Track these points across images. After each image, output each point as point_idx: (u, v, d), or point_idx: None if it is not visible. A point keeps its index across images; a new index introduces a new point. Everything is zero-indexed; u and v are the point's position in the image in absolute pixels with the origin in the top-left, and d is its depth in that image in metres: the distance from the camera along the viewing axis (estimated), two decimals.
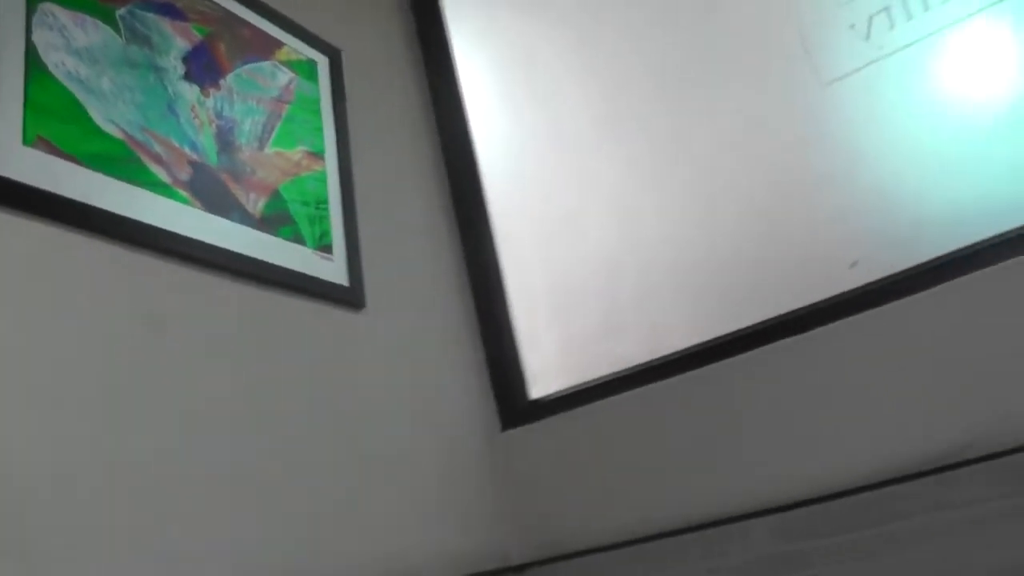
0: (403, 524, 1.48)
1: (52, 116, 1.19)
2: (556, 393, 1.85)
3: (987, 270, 1.38)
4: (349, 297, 1.57)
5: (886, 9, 1.57)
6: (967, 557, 1.30)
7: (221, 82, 1.50)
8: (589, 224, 1.88)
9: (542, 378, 1.88)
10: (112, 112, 1.28)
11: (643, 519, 1.62)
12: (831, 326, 1.51)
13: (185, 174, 1.35)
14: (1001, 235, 1.40)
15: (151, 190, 1.28)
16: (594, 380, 1.81)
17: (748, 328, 1.63)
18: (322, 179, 1.63)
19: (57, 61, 1.24)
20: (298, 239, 1.52)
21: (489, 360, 1.91)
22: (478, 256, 1.97)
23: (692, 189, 1.76)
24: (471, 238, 1.99)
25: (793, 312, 1.58)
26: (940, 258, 1.45)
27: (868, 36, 1.58)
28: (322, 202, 1.60)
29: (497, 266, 1.97)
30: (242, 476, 1.24)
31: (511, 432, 1.84)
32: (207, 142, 1.41)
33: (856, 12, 1.61)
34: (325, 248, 1.57)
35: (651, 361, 1.74)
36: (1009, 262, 1.36)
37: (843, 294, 1.54)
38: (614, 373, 1.79)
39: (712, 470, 1.58)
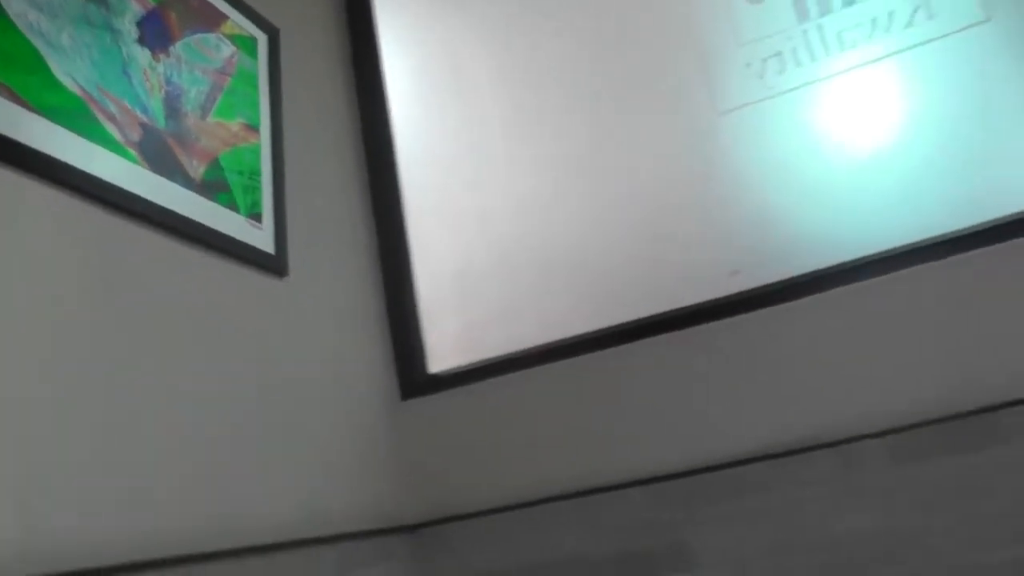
0: (305, 483, 1.54)
1: (14, 65, 1.19)
2: (454, 369, 1.95)
3: (849, 287, 1.59)
4: (274, 265, 1.62)
5: (779, 54, 1.76)
6: (816, 525, 1.50)
7: (171, 49, 1.51)
8: (496, 218, 1.99)
9: (442, 355, 1.97)
10: (71, 68, 1.28)
11: (530, 486, 1.75)
12: (711, 324, 1.68)
13: (136, 135, 1.37)
14: (865, 257, 1.61)
15: (104, 147, 1.29)
16: (490, 359, 1.92)
17: (636, 321, 1.78)
18: (256, 152, 1.66)
19: (20, 11, 1.23)
20: (232, 206, 1.55)
21: (393, 335, 1.98)
22: (389, 238, 2.04)
23: (593, 194, 1.90)
24: (384, 220, 2.06)
25: (678, 310, 1.74)
26: (810, 273, 1.64)
27: (762, 76, 1.76)
28: (255, 173, 1.64)
29: (406, 248, 2.04)
30: (161, 425, 1.26)
31: (410, 402, 1.92)
32: (156, 106, 1.43)
33: (753, 54, 1.79)
34: (255, 217, 1.60)
35: (544, 345, 1.86)
36: (870, 281, 1.57)
37: (723, 298, 1.70)
38: (509, 354, 1.90)
39: (595, 443, 1.72)
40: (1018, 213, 1.52)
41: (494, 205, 2.00)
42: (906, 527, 1.45)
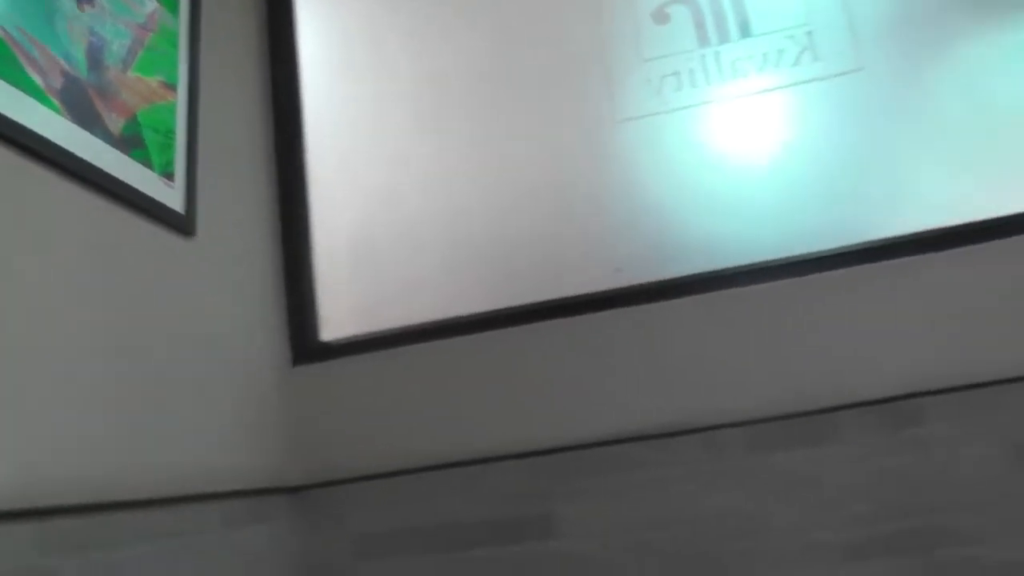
0: (193, 441, 1.53)
1: None
2: (345, 339, 1.97)
3: (721, 292, 1.73)
4: (183, 224, 1.60)
5: (677, 74, 1.88)
6: (677, 503, 1.65)
7: None
8: (399, 194, 2.02)
9: (336, 324, 1.98)
10: None
11: (411, 454, 1.80)
12: (593, 315, 1.78)
13: (58, 83, 1.32)
14: (736, 267, 1.75)
15: (27, 93, 1.25)
16: (380, 332, 1.95)
17: (524, 306, 1.86)
18: (172, 110, 1.63)
19: None
20: (147, 163, 1.52)
21: (289, 302, 1.98)
22: (292, 205, 2.03)
23: (496, 181, 1.96)
24: (288, 188, 2.04)
25: (564, 299, 1.83)
26: (687, 276, 1.77)
27: (660, 91, 1.87)
28: (170, 132, 1.60)
29: (307, 217, 2.04)
30: (53, 373, 1.22)
31: (301, 368, 1.93)
32: (79, 56, 1.38)
33: (653, 70, 1.90)
34: (168, 176, 1.57)
35: (435, 321, 1.91)
36: (740, 289, 1.72)
37: (607, 291, 1.81)
38: (399, 328, 1.93)
39: (475, 417, 1.79)
40: (865, 243, 1.70)
41: (398, 181, 2.02)
42: (757, 508, 1.62)
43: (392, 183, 2.03)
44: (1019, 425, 1.56)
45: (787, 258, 1.72)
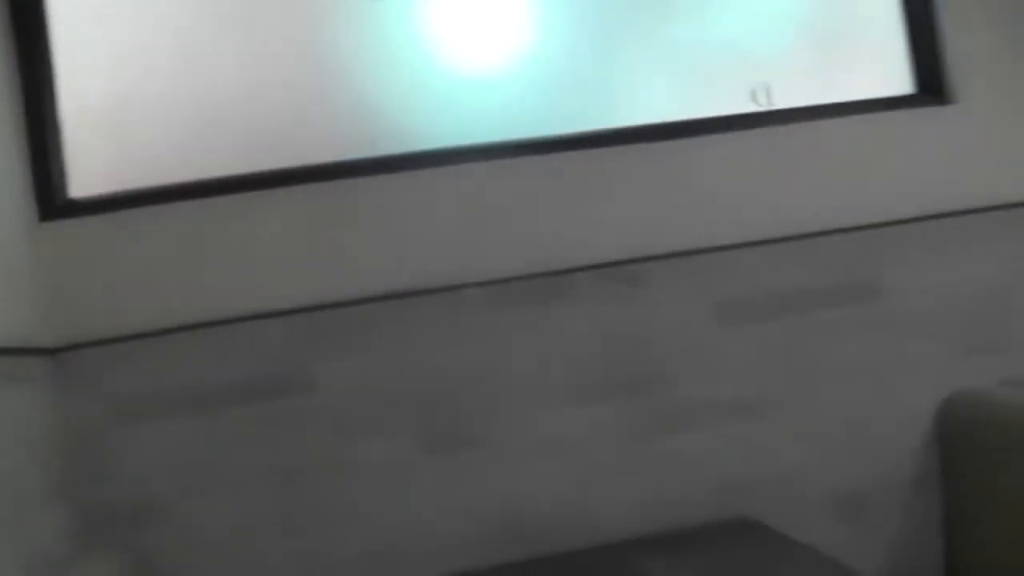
0: None
1: None
2: (96, 196, 1.86)
3: (470, 164, 1.84)
4: None
5: None
6: (425, 356, 1.79)
7: None
8: (155, 55, 1.90)
9: (88, 183, 1.87)
10: None
11: (169, 314, 1.77)
12: (344, 181, 1.81)
13: None
14: (483, 144, 1.87)
15: None
16: (133, 190, 1.86)
17: (278, 171, 1.85)
18: None
19: None
20: None
21: (33, 155, 1.83)
22: (32, 46, 1.85)
23: (249, 48, 1.91)
24: (28, 27, 1.84)
25: (315, 166, 1.85)
26: (438, 150, 1.85)
27: None
28: None
29: (50, 64, 1.86)
30: None
31: (48, 224, 1.80)
32: None
33: None
34: None
35: (189, 183, 1.85)
36: (491, 163, 1.84)
37: (355, 160, 1.85)
38: (152, 187, 1.85)
39: (233, 277, 1.78)
40: (606, 129, 1.89)
41: (151, 42, 1.90)
42: (498, 359, 1.79)
43: (145, 44, 1.89)
44: (720, 287, 1.85)
45: (529, 139, 1.86)
